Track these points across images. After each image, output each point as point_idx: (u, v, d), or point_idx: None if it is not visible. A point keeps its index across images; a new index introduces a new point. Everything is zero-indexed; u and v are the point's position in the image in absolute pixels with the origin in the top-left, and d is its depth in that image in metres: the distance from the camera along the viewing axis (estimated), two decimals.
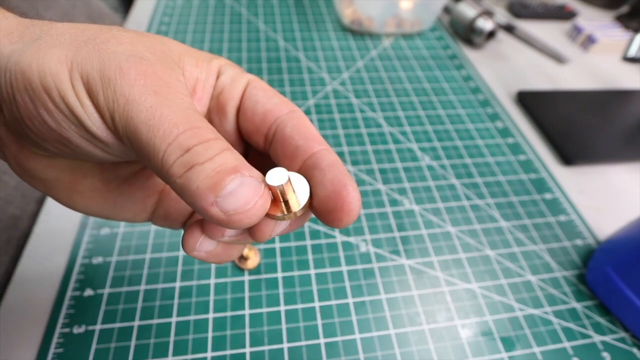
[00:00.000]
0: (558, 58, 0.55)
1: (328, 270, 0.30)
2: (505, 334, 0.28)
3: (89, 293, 0.27)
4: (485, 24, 0.52)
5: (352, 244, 0.32)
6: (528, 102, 0.46)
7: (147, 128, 0.11)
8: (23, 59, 0.12)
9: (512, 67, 0.53)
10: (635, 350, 0.28)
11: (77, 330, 0.26)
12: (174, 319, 0.27)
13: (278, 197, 0.13)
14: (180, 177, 0.11)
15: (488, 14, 0.53)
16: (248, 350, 0.26)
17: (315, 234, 0.32)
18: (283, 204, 0.13)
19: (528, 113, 0.46)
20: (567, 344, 0.28)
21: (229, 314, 0.27)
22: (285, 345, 0.26)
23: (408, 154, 0.40)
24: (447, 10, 0.60)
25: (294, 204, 0.13)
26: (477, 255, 0.32)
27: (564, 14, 0.63)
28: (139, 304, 0.27)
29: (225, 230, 0.14)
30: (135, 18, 0.54)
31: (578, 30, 0.58)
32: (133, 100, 0.12)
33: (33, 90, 0.12)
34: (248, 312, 0.27)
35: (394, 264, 0.31)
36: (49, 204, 0.33)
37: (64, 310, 0.26)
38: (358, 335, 0.27)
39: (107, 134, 0.13)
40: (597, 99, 0.48)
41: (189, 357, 0.25)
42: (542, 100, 0.46)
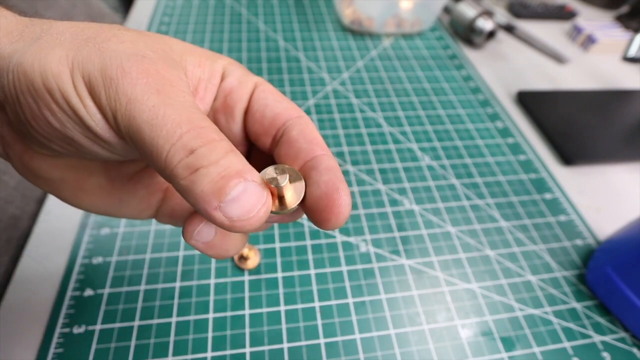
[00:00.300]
0: (558, 58, 0.55)
1: (328, 270, 0.30)
2: (505, 334, 0.28)
3: (89, 293, 0.27)
4: (485, 24, 0.52)
5: (352, 244, 0.32)
6: (528, 102, 0.46)
7: (149, 128, 0.11)
8: (25, 60, 0.12)
9: (512, 67, 0.53)
10: (635, 350, 0.28)
11: (77, 330, 0.26)
12: (174, 319, 0.27)
13: (275, 193, 0.13)
14: (185, 179, 0.11)
15: (488, 14, 0.53)
16: (248, 350, 0.26)
17: (315, 234, 0.32)
18: (278, 200, 0.13)
19: (528, 113, 0.46)
20: (567, 344, 0.28)
21: (229, 314, 0.27)
22: (285, 345, 0.26)
23: (408, 154, 0.40)
24: (447, 10, 0.60)
25: (289, 201, 0.14)
26: (477, 255, 0.32)
27: (564, 14, 0.63)
28: (139, 304, 0.27)
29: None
30: (135, 18, 0.54)
31: (578, 30, 0.58)
32: (135, 100, 0.12)
33: (36, 91, 0.12)
34: (248, 312, 0.27)
35: (394, 264, 0.31)
36: (49, 204, 0.33)
37: (64, 310, 0.26)
38: (358, 335, 0.27)
39: (110, 134, 0.13)
40: (597, 99, 0.48)
41: (189, 357, 0.25)
42: (542, 100, 0.46)
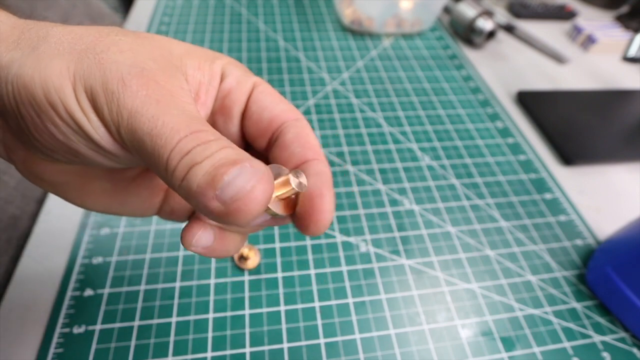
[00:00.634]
0: (558, 58, 0.55)
1: (328, 270, 0.30)
2: (505, 334, 0.28)
3: (89, 293, 0.27)
4: (485, 24, 0.52)
5: (352, 244, 0.32)
6: (528, 102, 0.46)
7: (150, 138, 0.11)
8: (24, 72, 0.12)
9: (512, 67, 0.53)
10: (635, 350, 0.28)
11: (77, 330, 0.26)
12: (174, 319, 0.27)
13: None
14: (183, 179, 0.11)
15: (488, 14, 0.53)
16: (248, 350, 0.26)
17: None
18: (283, 202, 0.13)
19: (528, 113, 0.46)
20: (567, 344, 0.28)
21: (229, 314, 0.27)
22: (285, 345, 0.26)
23: (408, 154, 0.40)
24: (447, 10, 0.60)
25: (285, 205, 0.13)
26: (477, 255, 0.32)
27: (564, 14, 0.63)
28: (139, 304, 0.27)
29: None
30: (135, 18, 0.54)
31: (578, 30, 0.58)
32: (136, 112, 0.12)
33: (38, 105, 0.12)
34: (248, 312, 0.27)
35: (394, 264, 0.31)
36: (49, 204, 0.33)
37: (64, 310, 0.26)
38: (358, 335, 0.27)
39: (115, 147, 0.13)
40: (597, 99, 0.48)
41: (189, 357, 0.25)
42: (542, 100, 0.46)
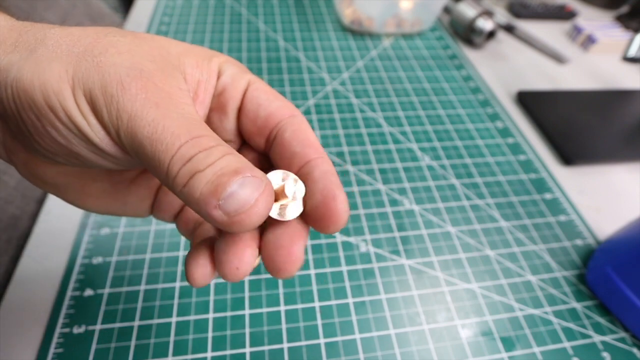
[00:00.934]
0: (558, 58, 0.55)
1: (328, 270, 0.30)
2: (505, 334, 0.28)
3: (89, 293, 0.27)
4: (485, 24, 0.52)
5: (352, 244, 0.32)
6: (528, 102, 0.46)
7: (150, 142, 0.11)
8: (23, 75, 0.12)
9: (512, 67, 0.53)
10: (635, 350, 0.28)
11: (77, 330, 0.26)
12: (174, 319, 0.27)
13: (277, 198, 0.13)
14: (185, 186, 0.11)
15: (488, 14, 0.53)
16: (248, 350, 0.26)
17: (315, 234, 0.32)
18: (279, 207, 0.13)
19: (528, 113, 0.46)
20: (567, 344, 0.28)
21: (229, 314, 0.27)
22: (285, 345, 0.26)
23: (408, 154, 0.40)
24: (447, 10, 0.60)
25: (290, 210, 0.13)
26: (477, 255, 0.32)
27: (564, 14, 0.63)
28: (139, 304, 0.27)
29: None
30: (135, 18, 0.54)
31: (578, 30, 0.58)
32: (135, 116, 0.12)
33: (38, 109, 0.12)
34: (248, 312, 0.27)
35: (394, 264, 0.31)
36: (49, 204, 0.33)
37: (64, 310, 0.26)
38: (358, 335, 0.27)
39: (115, 149, 0.13)
40: (597, 99, 0.48)
41: (189, 357, 0.25)
42: (542, 100, 0.46)
